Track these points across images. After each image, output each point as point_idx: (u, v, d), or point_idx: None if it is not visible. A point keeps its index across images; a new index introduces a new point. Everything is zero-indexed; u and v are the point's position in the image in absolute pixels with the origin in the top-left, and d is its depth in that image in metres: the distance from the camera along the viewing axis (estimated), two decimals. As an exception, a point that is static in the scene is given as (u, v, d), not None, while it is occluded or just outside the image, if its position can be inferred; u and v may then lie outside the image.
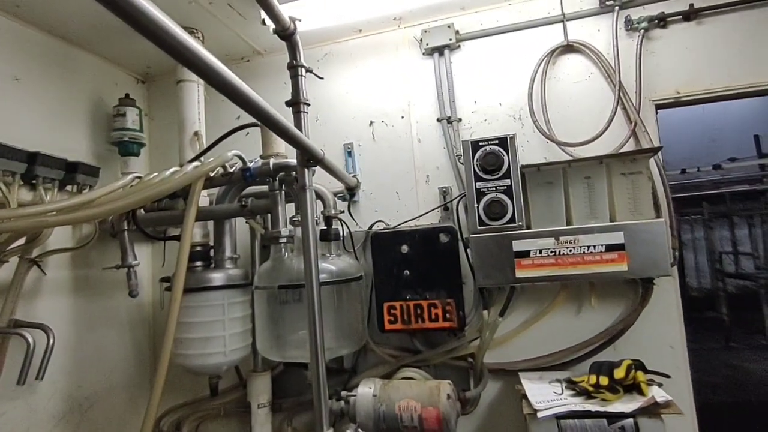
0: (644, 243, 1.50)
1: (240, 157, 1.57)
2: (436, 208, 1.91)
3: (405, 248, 1.78)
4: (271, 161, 1.56)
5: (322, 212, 1.79)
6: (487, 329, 1.69)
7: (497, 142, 1.66)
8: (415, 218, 1.91)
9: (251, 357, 1.88)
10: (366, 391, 1.63)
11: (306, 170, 1.39)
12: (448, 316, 1.70)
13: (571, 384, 1.54)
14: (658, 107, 1.74)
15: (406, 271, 1.76)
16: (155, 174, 1.57)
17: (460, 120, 1.94)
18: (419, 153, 1.98)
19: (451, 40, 1.94)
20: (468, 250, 1.77)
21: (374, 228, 1.92)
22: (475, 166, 1.68)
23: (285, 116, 1.07)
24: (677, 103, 1.73)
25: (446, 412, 1.51)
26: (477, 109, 1.94)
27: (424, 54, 2.01)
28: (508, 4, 1.93)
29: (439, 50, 1.97)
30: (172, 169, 1.54)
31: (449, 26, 1.95)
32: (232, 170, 1.59)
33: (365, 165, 2.04)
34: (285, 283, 1.59)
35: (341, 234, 1.80)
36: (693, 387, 1.69)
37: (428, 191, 1.95)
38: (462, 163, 1.79)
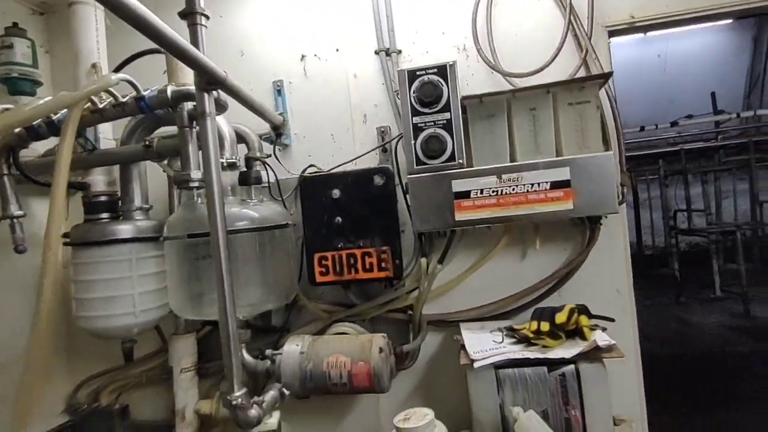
0: (591, 178, 1.38)
1: (131, 84, 1.33)
2: (374, 149, 1.73)
3: (336, 193, 1.60)
4: (169, 88, 1.33)
5: (245, 155, 1.60)
6: (425, 278, 1.55)
7: (435, 70, 1.48)
8: (351, 161, 1.72)
9: (173, 318, 1.70)
10: (292, 348, 1.49)
11: (206, 95, 1.18)
12: (383, 265, 1.55)
13: (511, 332, 1.44)
14: (611, 33, 1.60)
15: (338, 218, 1.59)
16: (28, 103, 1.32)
17: (399, 52, 1.75)
18: (355, 90, 1.79)
19: (388, -40, 1.72)
20: (407, 195, 1.62)
21: (307, 173, 1.73)
22: (412, 98, 1.50)
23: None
24: (631, 29, 1.59)
25: (378, 367, 1.39)
26: (418, 40, 1.74)
27: (359, -23, 1.78)
28: None
29: (376, -28, 1.75)
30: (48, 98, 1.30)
31: (386, -56, 1.72)
32: (125, 100, 1.35)
33: (297, 105, 1.83)
34: (196, 232, 1.39)
35: (267, 179, 1.61)
36: (643, 341, 1.63)
37: (366, 132, 1.77)
38: (399, 98, 1.61)
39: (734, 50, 6.17)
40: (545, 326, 1.35)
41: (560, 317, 1.35)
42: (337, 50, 1.80)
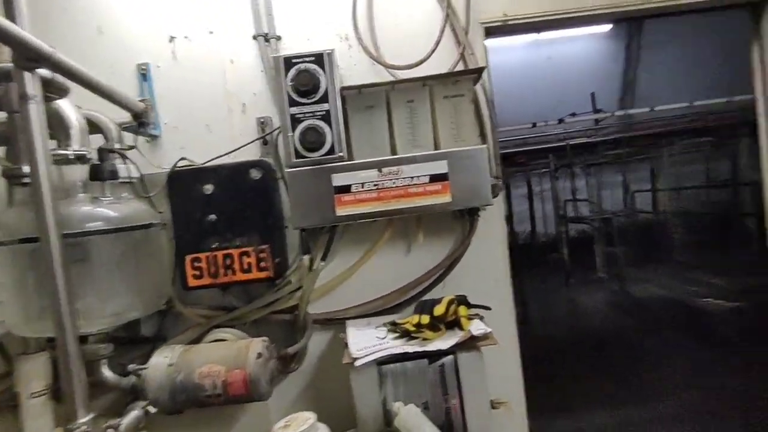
0: (467, 171, 1.41)
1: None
2: (253, 141, 1.62)
3: (209, 188, 1.47)
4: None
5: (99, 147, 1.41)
6: (308, 276, 1.49)
7: (313, 58, 1.41)
8: (228, 154, 1.60)
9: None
10: (160, 361, 1.35)
11: (26, 74, 1.00)
12: (262, 265, 1.46)
13: (394, 327, 1.43)
14: (487, 30, 1.64)
15: (212, 216, 1.47)
16: None
17: (279, 38, 1.65)
18: (233, 77, 1.66)
19: (266, -60, 1.61)
20: (290, 188, 1.53)
21: (178, 166, 1.57)
22: (289, 87, 1.41)
23: None
24: (505, 27, 1.64)
25: (254, 373, 1.30)
26: (299, 27, 1.66)
27: (233, -45, 1.65)
28: None
29: (253, -48, 1.63)
30: None
31: None
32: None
33: (167, 92, 1.65)
34: (30, 236, 1.20)
35: (127, 174, 1.44)
36: (538, 321, 1.71)
37: (245, 122, 1.65)
38: (276, 87, 1.51)
39: (611, 56, 6.86)
40: (425, 319, 1.36)
41: (438, 309, 1.37)
42: (211, 33, 1.66)
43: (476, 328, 1.33)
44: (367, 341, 1.37)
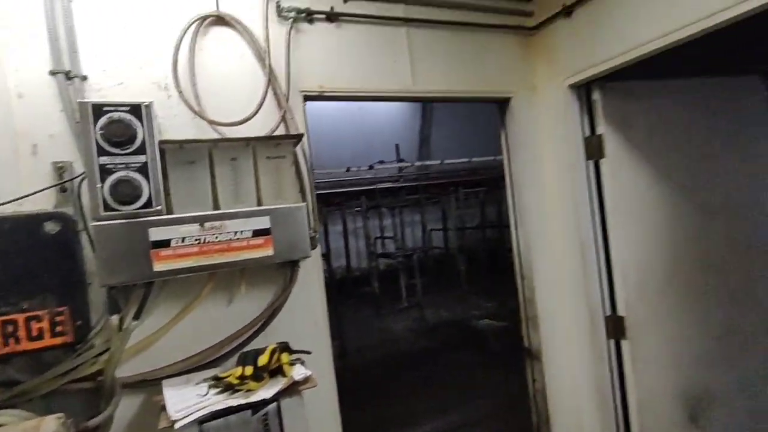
0: (288, 227, 1.54)
1: None
2: (46, 188, 1.44)
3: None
4: None
5: None
6: (116, 337, 1.38)
7: (128, 108, 1.37)
8: (13, 201, 1.38)
9: None
10: None
11: None
12: (59, 329, 1.30)
13: (217, 381, 1.43)
14: (306, 98, 1.84)
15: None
16: None
17: (86, 78, 1.53)
18: (22, 114, 1.46)
19: (70, -28, 1.50)
20: (94, 242, 1.41)
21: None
22: (98, 135, 1.33)
23: None
24: (321, 97, 1.87)
25: (46, 459, 1.14)
26: (110, 69, 1.57)
27: (29, -19, 1.48)
28: (152, -48, 1.64)
29: (53, -19, 1.50)
30: None
31: (68, -46, 1.50)
32: None
33: None
34: None
35: None
36: (353, 350, 1.88)
37: (37, 167, 1.46)
38: (83, 135, 1.41)
39: (411, 114, 8.03)
40: (249, 370, 1.40)
41: (263, 359, 1.43)
42: (-7, 62, 1.44)
43: (298, 372, 1.44)
44: (187, 400, 1.34)
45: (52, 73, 1.48)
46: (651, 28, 1.76)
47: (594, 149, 2.22)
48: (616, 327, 2.22)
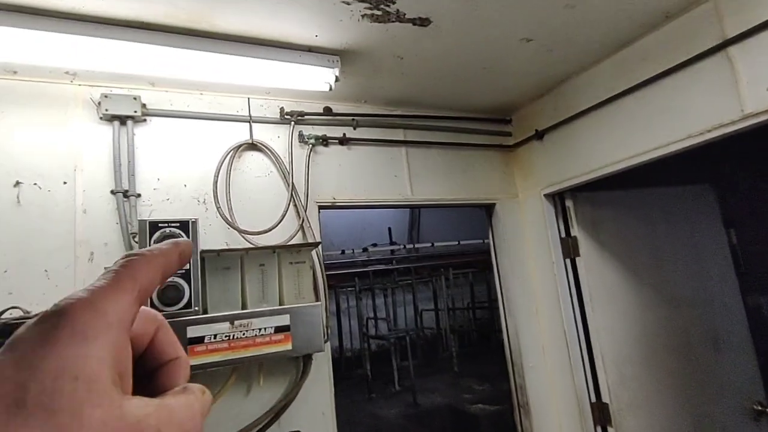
0: (305, 323, 1.76)
1: None
2: (99, 290, 1.67)
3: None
4: None
5: None
6: (150, 428, 1.53)
7: (178, 225, 1.65)
8: (69, 303, 1.60)
9: None
10: None
11: None
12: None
13: (236, 470, 1.56)
14: (321, 207, 2.15)
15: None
16: None
17: (139, 195, 1.83)
18: (84, 226, 1.73)
19: (136, 112, 1.85)
20: (135, 338, 1.61)
21: (5, 316, 1.50)
22: (152, 247, 1.59)
23: None
24: (333, 206, 2.18)
25: None
26: (160, 187, 1.88)
27: (101, 119, 1.83)
28: (200, 93, 2.02)
29: (121, 119, 1.84)
30: None
31: (135, 98, 1.86)
32: None
33: (1, 235, 1.61)
34: None
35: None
36: None
37: (92, 271, 1.70)
38: (137, 242, 1.67)
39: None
40: (267, 459, 1.55)
41: (279, 448, 1.58)
42: (65, 183, 1.73)
43: (310, 461, 1.58)
44: (210, 489, 1.47)
45: (113, 192, 1.77)
46: (611, 153, 2.15)
47: (570, 249, 2.53)
48: (601, 413, 2.38)
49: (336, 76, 1.85)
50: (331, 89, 1.92)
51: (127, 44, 1.55)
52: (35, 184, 1.69)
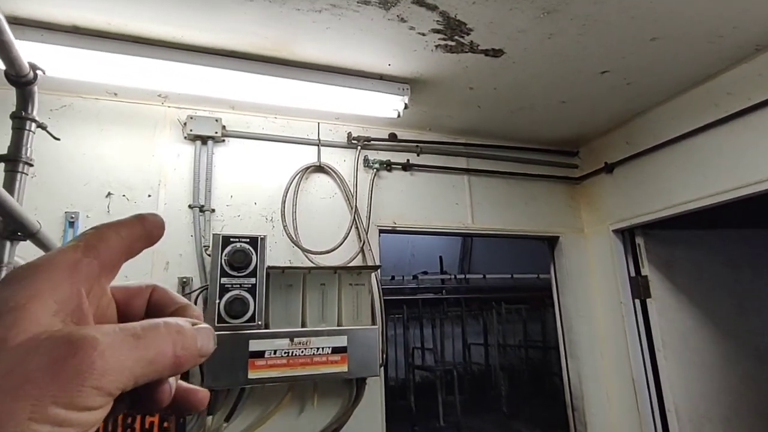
0: (361, 346, 1.75)
1: None
2: (172, 299, 1.76)
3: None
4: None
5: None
6: (208, 437, 1.57)
7: (248, 240, 1.72)
8: (144, 308, 1.70)
9: None
10: None
11: (9, 243, 1.11)
12: (165, 425, 1.51)
13: (287, 490, 1.55)
14: (381, 231, 2.16)
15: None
16: None
17: (213, 211, 1.93)
18: (162, 237, 1.84)
19: (216, 133, 1.98)
20: (200, 347, 1.67)
21: (87, 317, 1.61)
22: (223, 261, 1.67)
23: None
24: (394, 231, 2.19)
25: None
26: (232, 204, 1.97)
27: (186, 138, 1.97)
28: (275, 117, 2.13)
29: (203, 139, 1.97)
30: None
31: (217, 120, 2.00)
32: None
33: (90, 240, 1.75)
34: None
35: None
36: None
37: (166, 279, 1.80)
38: (209, 255, 1.75)
39: (454, 226, 8.38)
40: (317, 482, 1.53)
41: (330, 472, 1.55)
42: (149, 196, 1.87)
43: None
44: (261, 507, 1.47)
45: (191, 206, 1.89)
46: (690, 190, 2.02)
47: (640, 289, 2.37)
48: (673, 475, 2.16)
49: (405, 104, 1.89)
50: (399, 116, 1.96)
51: (214, 70, 1.67)
52: (124, 195, 1.84)
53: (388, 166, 2.23)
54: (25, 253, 1.18)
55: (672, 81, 1.95)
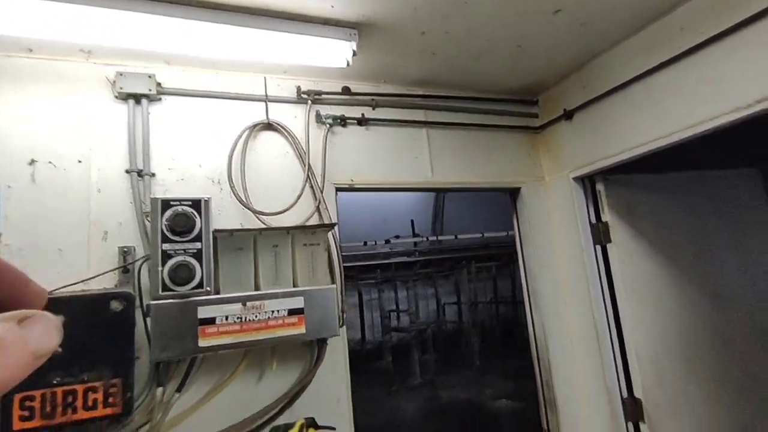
0: (319, 307, 1.69)
1: None
2: (113, 270, 1.65)
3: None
4: None
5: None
6: (159, 409, 1.50)
7: (190, 203, 1.60)
8: (83, 281, 1.59)
9: None
10: None
11: None
12: (111, 400, 1.43)
13: (248, 455, 1.52)
14: (338, 189, 2.08)
15: (59, 348, 1.41)
16: None
17: (153, 175, 1.79)
18: (98, 205, 1.71)
19: (151, 90, 1.82)
20: (147, 319, 1.58)
21: (17, 293, 1.48)
22: (164, 226, 1.55)
23: None
24: (351, 189, 2.11)
25: None
26: (174, 167, 1.84)
27: (116, 97, 1.80)
28: (216, 71, 1.97)
29: (136, 98, 1.81)
30: None
31: (150, 76, 1.83)
32: None
33: (17, 214, 1.60)
34: None
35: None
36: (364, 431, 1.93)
37: (105, 250, 1.68)
38: (150, 221, 1.64)
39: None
40: (279, 444, 1.49)
41: (292, 434, 1.52)
42: (80, 162, 1.71)
43: (324, 448, 1.52)
44: (220, 473, 1.43)
45: (128, 171, 1.75)
46: (647, 131, 1.99)
47: (601, 235, 2.39)
48: (634, 410, 2.24)
49: (353, 51, 1.76)
50: (348, 65, 1.84)
51: (140, 16, 1.50)
52: (50, 162, 1.68)
53: (343, 121, 2.12)
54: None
55: (625, 19, 1.89)
